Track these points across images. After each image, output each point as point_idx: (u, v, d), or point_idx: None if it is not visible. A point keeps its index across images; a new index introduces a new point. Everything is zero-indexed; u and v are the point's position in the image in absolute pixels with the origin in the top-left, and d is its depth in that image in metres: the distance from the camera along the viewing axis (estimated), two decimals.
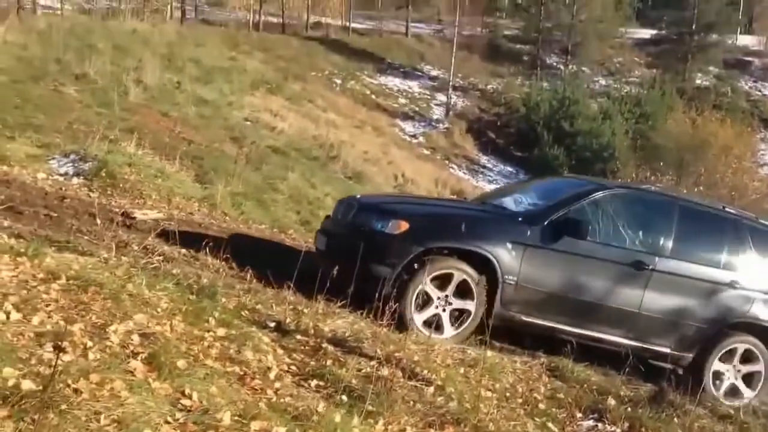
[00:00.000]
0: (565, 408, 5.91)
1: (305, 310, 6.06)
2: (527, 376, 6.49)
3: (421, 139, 28.89)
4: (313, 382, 4.58)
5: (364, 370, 4.99)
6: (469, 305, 6.84)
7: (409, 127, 29.80)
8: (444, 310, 6.83)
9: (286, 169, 14.25)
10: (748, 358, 7.79)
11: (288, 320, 5.65)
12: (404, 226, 6.84)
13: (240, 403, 3.66)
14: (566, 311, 7.24)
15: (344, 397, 4.34)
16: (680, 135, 27.86)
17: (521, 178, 27.44)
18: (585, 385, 6.51)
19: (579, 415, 5.87)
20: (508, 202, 7.93)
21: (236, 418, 3.44)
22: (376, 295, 5.95)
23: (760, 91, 43.34)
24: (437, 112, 32.14)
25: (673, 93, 34.20)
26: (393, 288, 6.59)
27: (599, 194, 7.48)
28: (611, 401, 6.15)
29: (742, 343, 7.77)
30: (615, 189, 7.78)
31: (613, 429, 5.64)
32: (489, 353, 6.39)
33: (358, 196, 8.27)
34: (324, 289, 6.00)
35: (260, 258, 7.55)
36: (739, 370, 7.78)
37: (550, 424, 5.46)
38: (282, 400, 4.01)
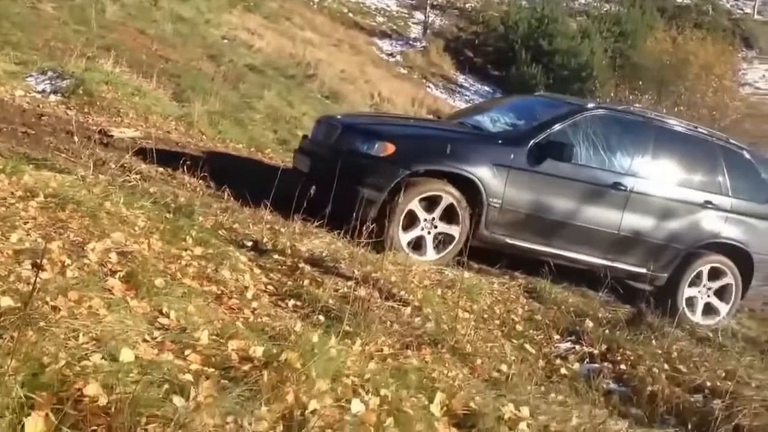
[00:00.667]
0: (542, 329, 5.94)
1: (282, 230, 6.01)
2: (505, 297, 6.52)
3: (398, 57, 28.47)
4: (291, 302, 4.55)
5: (341, 291, 4.96)
6: (454, 230, 6.87)
7: (386, 45, 29.33)
8: (429, 233, 6.86)
9: (263, 87, 14.01)
10: (715, 274, 7.97)
11: (265, 240, 5.60)
12: (391, 148, 6.78)
13: (217, 322, 3.62)
14: (549, 233, 7.32)
15: (321, 317, 4.31)
16: (660, 54, 27.65)
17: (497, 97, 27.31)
18: (563, 307, 6.56)
19: (556, 336, 5.91)
20: (486, 123, 7.88)
21: (214, 337, 3.39)
22: (361, 217, 5.90)
23: (741, 9, 42.98)
24: (415, 31, 31.65)
25: (653, 11, 33.81)
26: (379, 210, 6.54)
27: (579, 116, 7.48)
28: (589, 323, 6.18)
29: (716, 264, 7.95)
30: (594, 110, 7.72)
31: (590, 350, 5.67)
32: (466, 274, 6.38)
33: (339, 117, 8.09)
34: (301, 209, 5.92)
35: (238, 177, 7.47)
36: (709, 288, 7.99)
37: (527, 346, 5.50)
38: (259, 319, 3.98)
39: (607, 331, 6.08)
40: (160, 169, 7.13)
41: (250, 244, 5.45)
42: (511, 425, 3.64)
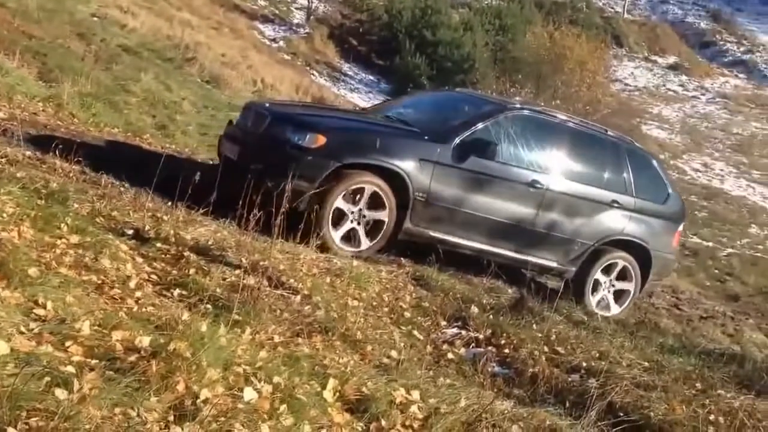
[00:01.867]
0: (430, 316, 6.05)
1: (165, 218, 5.86)
2: (393, 285, 6.59)
3: (281, 43, 28.20)
4: (176, 292, 4.45)
5: (228, 279, 4.89)
6: (383, 215, 7.07)
7: (269, 30, 28.99)
8: (359, 224, 7.05)
9: (139, 70, 13.58)
10: (623, 275, 8.54)
11: (147, 228, 5.44)
12: (322, 140, 6.86)
13: (99, 312, 3.51)
14: (470, 227, 7.60)
15: (209, 307, 4.23)
16: (538, 48, 28.53)
17: (382, 87, 27.46)
18: (449, 294, 6.67)
19: (443, 322, 6.03)
20: (411, 118, 8.05)
21: (96, 328, 3.30)
22: (291, 208, 5.79)
23: (612, 8, 44.89)
24: (298, 16, 31.41)
25: (531, 6, 34.83)
26: (309, 203, 6.63)
27: (501, 115, 7.78)
28: (474, 309, 6.33)
29: (620, 259, 8.50)
30: (516, 110, 8.06)
31: (476, 335, 5.81)
32: (355, 262, 6.44)
33: (268, 105, 8.07)
34: (185, 196, 5.80)
35: (115, 163, 7.21)
36: (612, 285, 8.56)
37: (415, 332, 5.58)
38: (144, 309, 3.88)
39: (491, 317, 6.26)
40: (28, 153, 6.77)
41: (131, 232, 5.28)
42: (403, 408, 3.70)
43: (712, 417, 5.14)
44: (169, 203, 6.16)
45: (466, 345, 5.64)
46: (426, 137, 7.39)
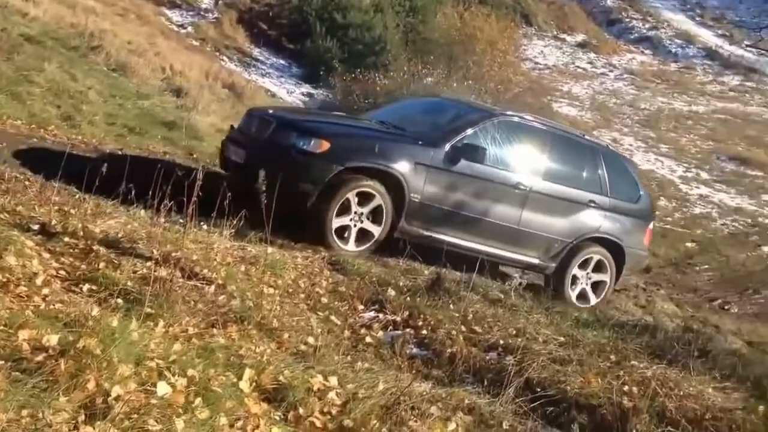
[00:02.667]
0: (347, 300, 6.06)
1: (72, 211, 5.71)
2: (309, 271, 6.58)
3: (189, 29, 27.65)
4: (85, 287, 4.34)
5: (140, 272, 4.79)
6: (376, 230, 7.63)
7: (176, 16, 28.38)
8: (355, 225, 7.57)
9: (43, 59, 13.10)
10: (599, 268, 9.12)
11: (54, 222, 5.29)
12: (326, 145, 7.37)
13: (4, 312, 3.41)
14: (460, 227, 8.13)
15: (120, 301, 4.14)
16: (449, 29, 28.67)
17: (294, 72, 27.25)
18: (366, 278, 6.70)
19: (361, 307, 6.05)
20: (405, 123, 8.48)
21: (1, 328, 3.20)
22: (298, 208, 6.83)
23: None
24: (206, 1, 30.81)
25: None
26: (316, 202, 7.27)
27: (489, 121, 8.31)
28: (391, 292, 6.38)
29: (596, 254, 9.09)
30: (501, 117, 8.60)
31: (393, 318, 5.86)
32: (270, 250, 6.39)
33: (272, 111, 8.52)
34: (93, 188, 5.67)
35: (19, 156, 6.98)
36: (590, 278, 9.13)
37: (332, 317, 5.58)
38: (52, 306, 3.78)
39: (408, 299, 6.31)
40: None
41: (36, 227, 5.14)
42: (321, 395, 3.71)
43: (626, 387, 5.32)
44: (77, 196, 6.01)
45: (384, 328, 5.68)
46: (420, 142, 7.90)
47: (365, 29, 27.52)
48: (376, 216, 7.63)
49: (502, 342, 5.80)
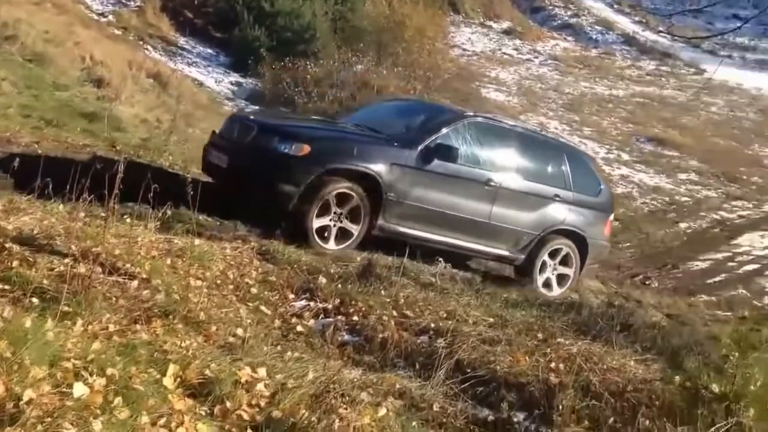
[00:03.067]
0: (277, 290, 5.94)
1: None
2: (238, 261, 6.42)
3: (111, 17, 26.87)
4: None
5: (57, 269, 4.59)
6: (354, 229, 7.88)
7: (96, 4, 27.52)
8: (334, 225, 7.81)
9: None
10: (565, 261, 9.50)
11: None
12: (306, 149, 7.62)
13: None
14: (435, 223, 8.43)
15: (35, 300, 3.95)
16: (378, 17, 28.58)
17: (222, 60, 26.80)
18: (296, 266, 6.59)
19: (291, 296, 5.94)
20: (380, 126, 8.76)
21: None
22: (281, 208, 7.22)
23: None
24: None
25: None
26: (298, 203, 7.54)
27: (460, 122, 8.63)
28: (322, 279, 6.28)
29: (564, 246, 9.46)
30: (472, 118, 8.91)
31: (324, 306, 5.77)
32: (197, 241, 6.22)
33: (253, 117, 8.84)
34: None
35: None
36: (555, 269, 9.49)
37: (263, 308, 5.46)
38: None
39: (339, 286, 6.23)
40: None
41: None
42: (249, 387, 3.61)
43: (552, 364, 5.36)
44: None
45: (315, 316, 5.59)
46: (395, 143, 8.23)
47: (294, 17, 27.17)
48: (354, 215, 7.87)
49: (433, 325, 5.76)
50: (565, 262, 9.56)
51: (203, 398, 3.43)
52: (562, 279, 9.59)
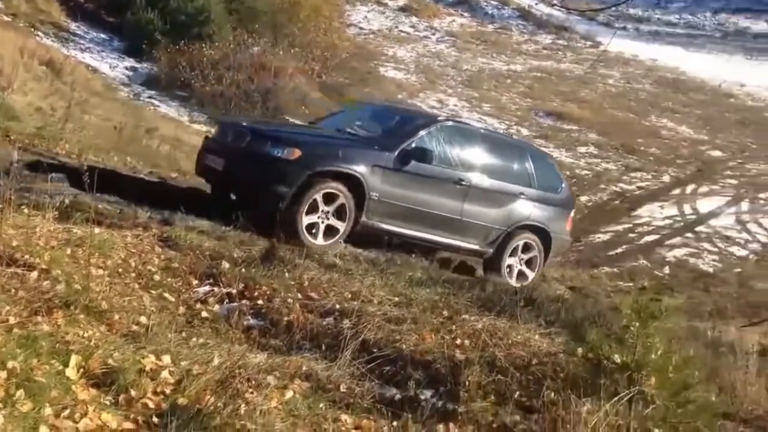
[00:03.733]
0: (180, 276, 5.91)
1: None
2: (139, 249, 6.35)
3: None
4: None
5: None
6: (341, 226, 8.43)
7: None
8: (323, 222, 8.32)
9: None
10: (527, 248, 10.09)
11: None
12: (297, 152, 8.19)
13: None
14: (412, 219, 9.02)
15: None
16: None
17: (116, 45, 26.10)
18: (198, 252, 6.56)
19: (195, 282, 5.92)
20: (359, 130, 9.33)
21: None
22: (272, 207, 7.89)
23: None
24: None
25: None
26: (289, 202, 8.04)
27: (433, 126, 9.31)
28: (225, 264, 6.27)
29: (529, 240, 10.07)
30: (443, 122, 9.75)
31: (229, 291, 5.78)
32: (97, 230, 6.12)
33: (245, 124, 9.36)
34: None
35: None
36: (522, 259, 10.10)
37: (166, 294, 5.43)
38: None
39: (243, 270, 6.23)
40: None
41: None
42: (153, 375, 3.62)
43: (458, 341, 5.53)
44: None
45: (220, 301, 5.60)
46: (376, 147, 8.80)
47: None
48: (340, 213, 8.40)
49: (338, 306, 5.85)
50: (529, 254, 10.16)
51: (107, 388, 3.43)
52: (529, 268, 10.18)
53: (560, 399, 4.64)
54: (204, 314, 5.26)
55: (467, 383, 4.83)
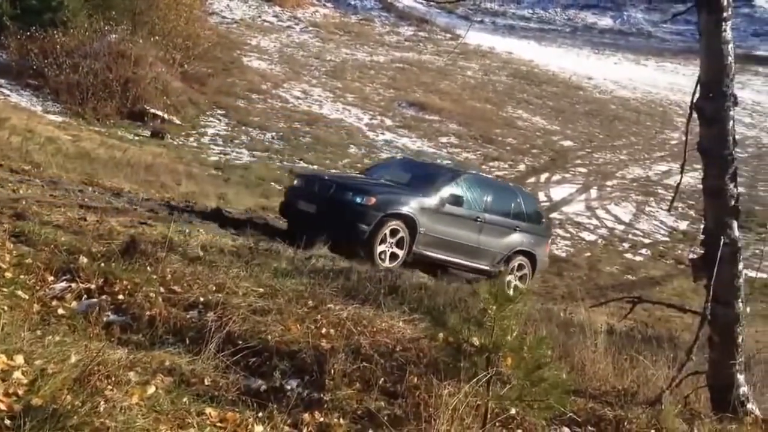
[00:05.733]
0: (34, 273, 5.64)
1: None
2: None
3: None
4: None
5: None
6: (400, 253, 11.38)
7: None
8: (389, 250, 11.22)
9: None
10: (520, 267, 13.03)
11: None
12: (374, 200, 11.17)
13: None
14: (447, 248, 12.03)
15: None
16: None
17: None
18: (54, 247, 6.29)
19: (51, 278, 5.66)
20: (405, 181, 12.52)
21: None
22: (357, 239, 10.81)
23: None
24: None
25: None
26: (368, 236, 10.97)
27: (460, 177, 12.57)
28: (83, 259, 6.03)
29: (522, 261, 13.04)
30: (466, 174, 13.33)
31: (87, 286, 5.57)
32: None
33: (327, 177, 12.99)
34: None
35: None
36: (516, 276, 12.94)
37: (19, 292, 5.17)
38: None
39: (102, 265, 6.01)
40: None
41: None
42: (5, 377, 3.45)
43: (323, 330, 5.53)
44: None
45: (78, 298, 5.39)
46: (421, 194, 11.85)
47: None
48: (400, 244, 11.34)
49: (202, 299, 5.74)
50: (522, 272, 13.10)
51: None
52: (521, 282, 12.92)
53: (423, 383, 4.76)
54: (61, 311, 5.05)
55: (332, 372, 4.85)
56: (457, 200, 11.96)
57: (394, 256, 11.29)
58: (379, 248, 11.09)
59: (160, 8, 26.17)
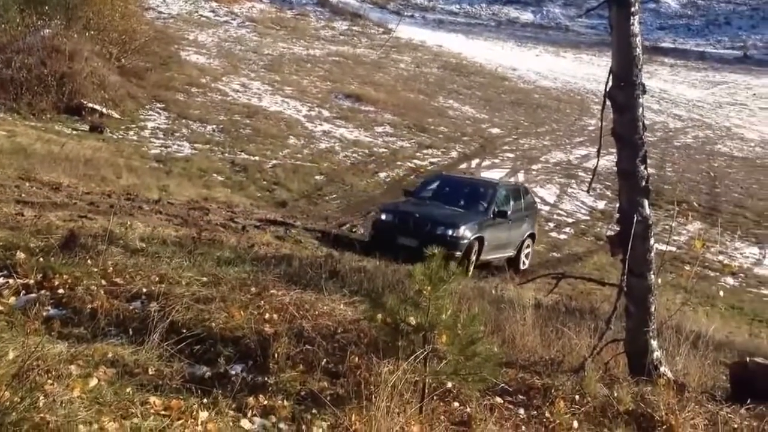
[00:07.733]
0: None
1: None
2: None
3: None
4: None
5: None
6: (473, 260, 13.53)
7: None
8: (471, 262, 13.34)
9: None
10: (527, 246, 15.80)
11: None
12: (461, 232, 13.52)
13: None
14: (496, 249, 14.63)
15: None
16: None
17: None
18: None
19: None
20: (461, 200, 14.86)
21: None
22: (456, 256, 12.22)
23: None
24: None
25: None
26: (461, 257, 12.70)
27: (497, 191, 15.25)
28: (21, 254, 5.81)
29: (528, 241, 15.88)
30: (499, 186, 15.98)
31: (25, 282, 5.35)
32: None
33: (417, 215, 13.99)
34: None
35: None
36: (524, 253, 15.73)
37: None
38: None
39: (41, 259, 5.81)
40: None
41: None
42: None
43: (267, 315, 5.44)
44: None
45: (16, 293, 5.17)
46: (482, 215, 14.40)
47: None
48: (473, 255, 13.73)
49: (145, 290, 5.58)
50: (527, 250, 15.90)
51: None
52: (527, 258, 15.89)
53: (363, 362, 4.78)
54: None
55: (276, 355, 4.80)
56: (502, 213, 14.54)
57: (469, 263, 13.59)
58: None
59: (95, 3, 25.32)
